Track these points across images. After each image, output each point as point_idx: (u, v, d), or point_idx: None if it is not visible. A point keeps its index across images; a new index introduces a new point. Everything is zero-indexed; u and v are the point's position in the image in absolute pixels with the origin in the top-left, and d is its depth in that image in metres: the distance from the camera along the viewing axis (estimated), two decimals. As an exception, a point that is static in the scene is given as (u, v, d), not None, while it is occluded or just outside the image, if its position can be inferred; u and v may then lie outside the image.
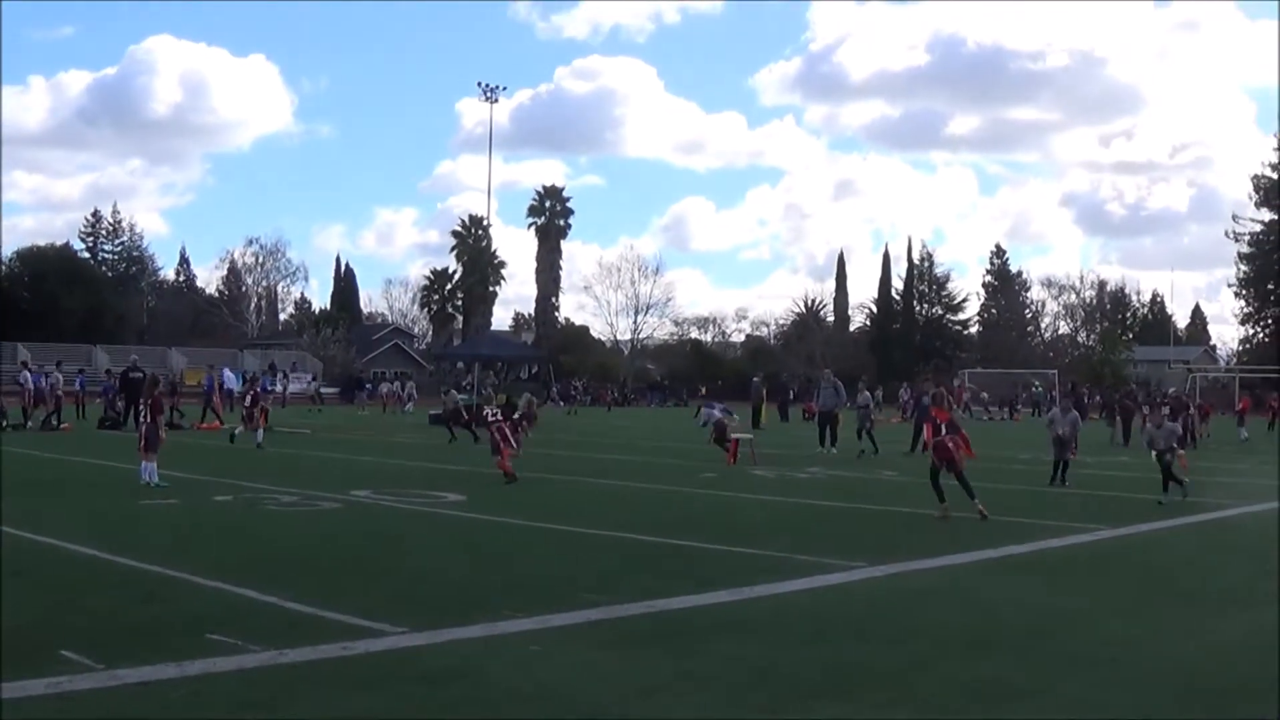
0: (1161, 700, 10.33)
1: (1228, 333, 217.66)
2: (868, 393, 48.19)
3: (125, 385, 52.38)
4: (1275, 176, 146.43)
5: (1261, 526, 24.01)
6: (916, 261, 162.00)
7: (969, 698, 10.36)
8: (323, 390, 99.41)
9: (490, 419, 31.57)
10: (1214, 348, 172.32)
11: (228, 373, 70.84)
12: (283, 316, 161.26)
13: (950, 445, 23.57)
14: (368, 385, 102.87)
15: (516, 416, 33.65)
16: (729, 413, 41.49)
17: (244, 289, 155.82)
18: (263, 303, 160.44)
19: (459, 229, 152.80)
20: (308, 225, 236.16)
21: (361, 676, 10.64)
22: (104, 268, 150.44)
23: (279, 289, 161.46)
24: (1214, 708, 10.24)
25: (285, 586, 14.68)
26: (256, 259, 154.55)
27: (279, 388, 77.17)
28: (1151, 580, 17.18)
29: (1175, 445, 27.08)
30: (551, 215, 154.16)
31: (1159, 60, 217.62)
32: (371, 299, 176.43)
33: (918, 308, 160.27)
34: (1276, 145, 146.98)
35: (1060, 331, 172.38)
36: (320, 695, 10.04)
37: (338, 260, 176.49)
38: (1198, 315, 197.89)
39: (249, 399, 43.54)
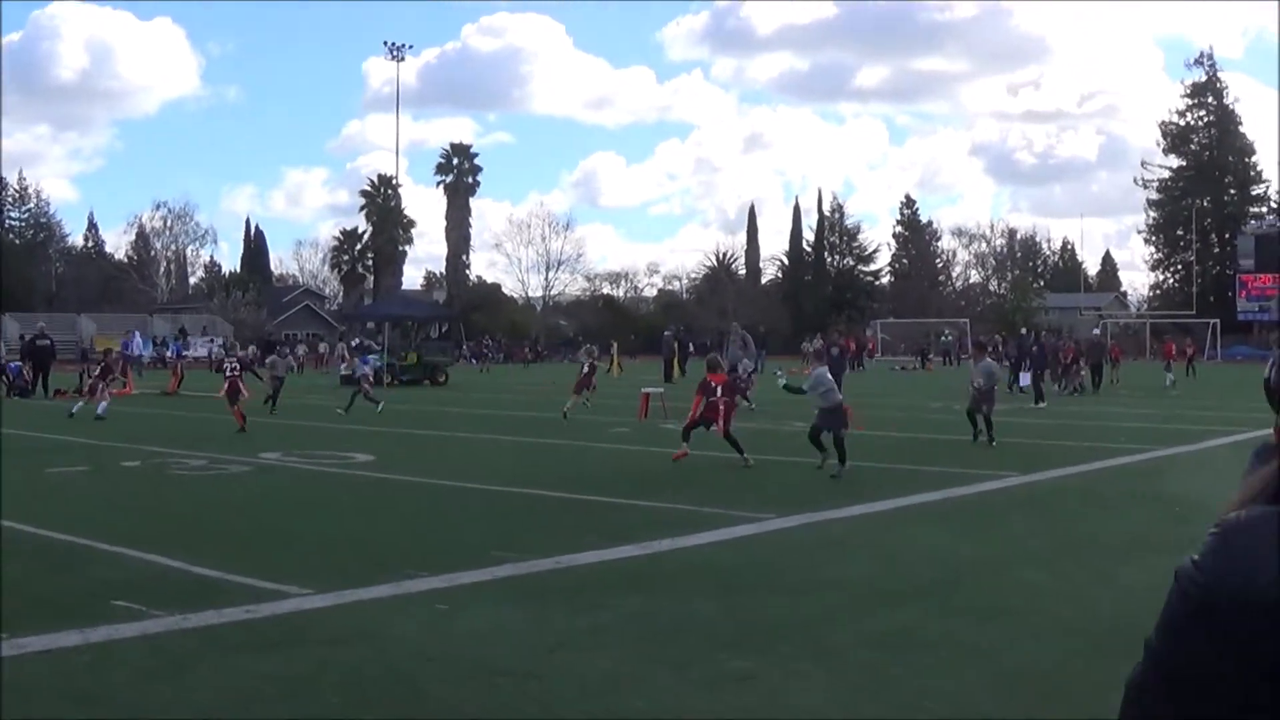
0: (1070, 649, 10.37)
1: (1138, 279, 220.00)
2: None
3: (32, 353, 52.22)
4: (1183, 123, 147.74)
5: (1170, 471, 24.22)
6: (827, 213, 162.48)
7: (876, 649, 10.39)
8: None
9: (229, 373, 34.47)
10: (1125, 294, 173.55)
11: (137, 337, 70.28)
12: (193, 280, 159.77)
13: (722, 406, 24.24)
14: (279, 347, 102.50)
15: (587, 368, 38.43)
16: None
17: (153, 253, 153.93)
18: (172, 267, 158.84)
19: (368, 189, 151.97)
20: (216, 188, 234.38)
21: (265, 639, 10.59)
22: (11, 235, 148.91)
23: (188, 253, 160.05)
24: (1123, 655, 10.26)
25: (191, 551, 14.59)
26: (165, 223, 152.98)
27: (192, 353, 76.71)
28: (1061, 527, 17.30)
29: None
30: (460, 173, 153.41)
31: (1065, 9, 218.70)
32: (282, 261, 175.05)
33: (829, 259, 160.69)
34: (1184, 92, 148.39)
35: (971, 280, 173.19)
36: (224, 659, 9.97)
37: (247, 222, 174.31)
38: (1108, 262, 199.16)
39: (99, 370, 39.30)
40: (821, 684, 9.43)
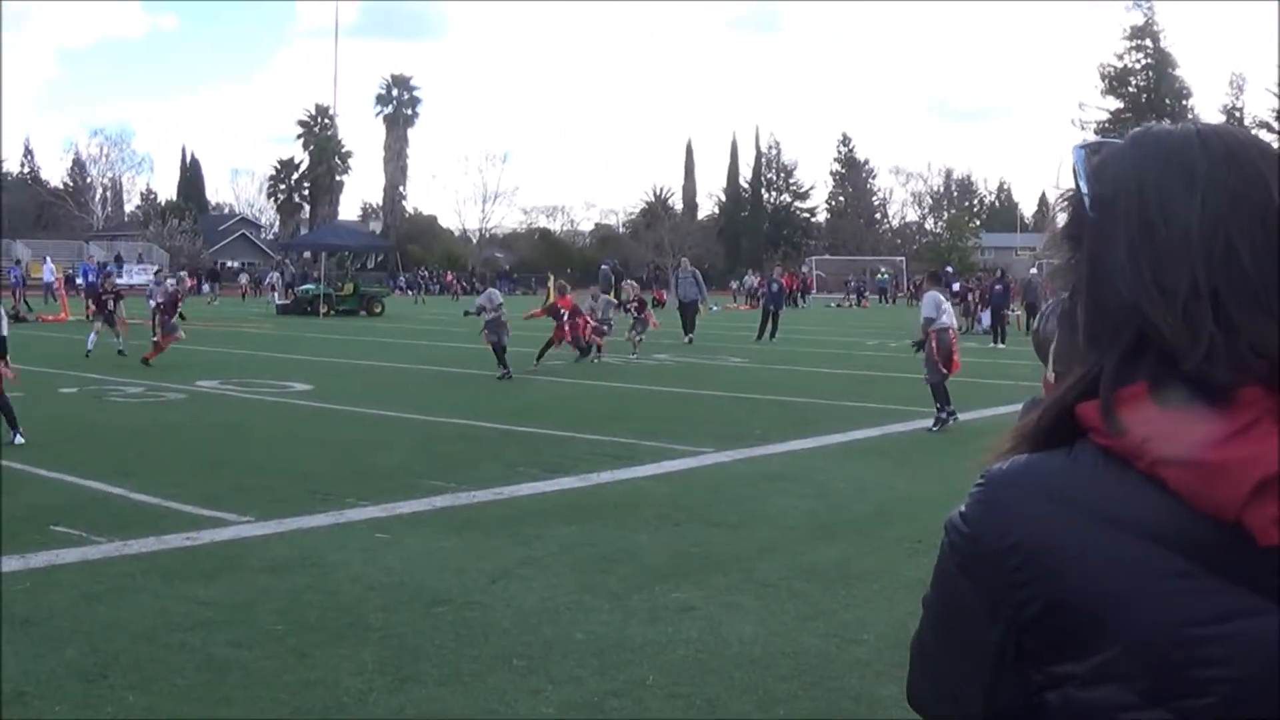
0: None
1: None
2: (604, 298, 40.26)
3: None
4: (1121, 65, 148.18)
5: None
6: (764, 150, 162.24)
7: (811, 581, 10.50)
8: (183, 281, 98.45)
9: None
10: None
11: (49, 264, 70.02)
12: (129, 208, 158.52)
13: (578, 325, 30.11)
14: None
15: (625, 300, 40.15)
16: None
17: (89, 180, 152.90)
18: (108, 194, 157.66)
19: (305, 118, 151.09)
20: (153, 116, 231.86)
21: (205, 566, 10.63)
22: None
23: (124, 180, 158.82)
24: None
25: (130, 478, 14.63)
26: (101, 150, 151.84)
27: (127, 280, 76.17)
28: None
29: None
30: (399, 104, 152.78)
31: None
32: (218, 189, 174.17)
33: (765, 196, 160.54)
34: (1123, 34, 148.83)
35: (908, 219, 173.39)
36: (165, 584, 10.01)
37: (183, 151, 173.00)
38: (1044, 203, 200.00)
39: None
40: (758, 615, 9.54)
